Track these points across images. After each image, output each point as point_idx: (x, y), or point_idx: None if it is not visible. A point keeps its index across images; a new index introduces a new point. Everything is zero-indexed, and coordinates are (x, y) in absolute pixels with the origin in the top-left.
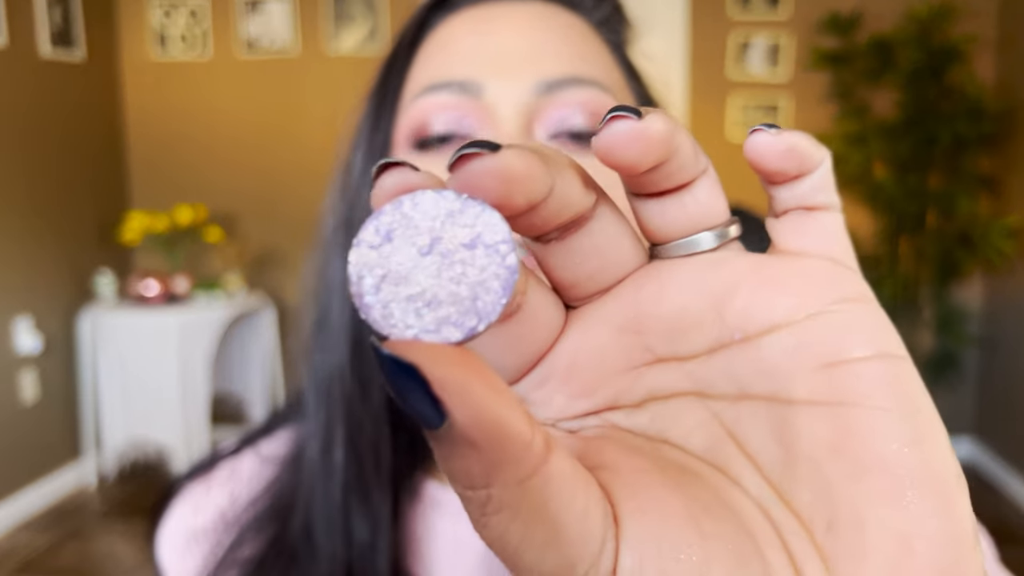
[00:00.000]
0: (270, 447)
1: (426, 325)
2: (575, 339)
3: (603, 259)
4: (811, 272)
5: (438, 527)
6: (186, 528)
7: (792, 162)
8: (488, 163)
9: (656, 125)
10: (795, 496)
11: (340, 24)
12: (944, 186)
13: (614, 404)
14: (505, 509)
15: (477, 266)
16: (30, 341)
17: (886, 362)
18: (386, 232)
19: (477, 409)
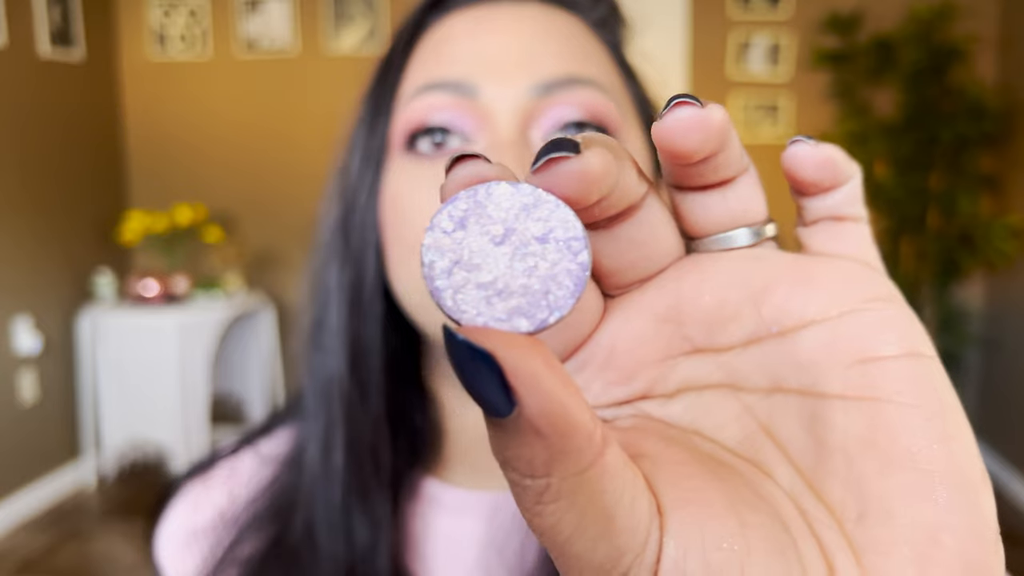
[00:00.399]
0: (269, 446)
1: (496, 314)
2: (615, 327)
3: (647, 249)
4: (845, 271)
5: (437, 525)
6: (185, 527)
7: (827, 173)
8: (572, 166)
9: (718, 114)
10: (826, 488)
11: (340, 24)
12: (945, 186)
13: (648, 393)
14: (563, 499)
15: (549, 260)
16: (29, 341)
17: (916, 360)
18: (460, 219)
19: (547, 399)
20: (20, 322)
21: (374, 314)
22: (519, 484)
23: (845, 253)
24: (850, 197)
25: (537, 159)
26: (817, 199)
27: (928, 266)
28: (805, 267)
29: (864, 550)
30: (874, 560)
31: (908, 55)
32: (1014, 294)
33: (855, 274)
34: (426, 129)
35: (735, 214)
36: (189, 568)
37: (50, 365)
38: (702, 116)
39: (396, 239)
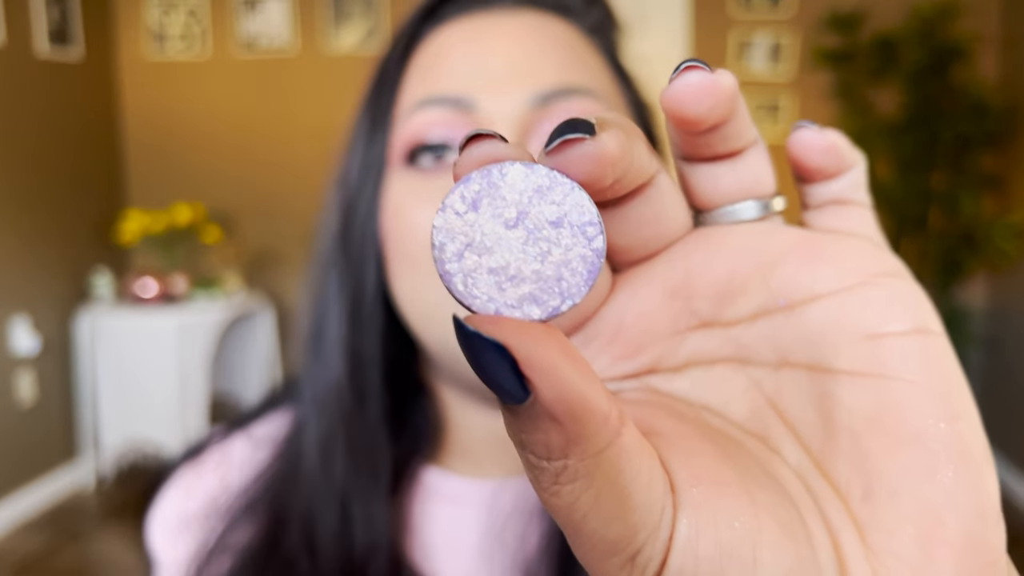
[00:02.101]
0: (263, 429)
1: (508, 300)
2: (623, 301)
3: (657, 226)
4: (854, 246)
5: (438, 513)
6: (178, 513)
7: (832, 159)
8: (588, 148)
9: (727, 80)
10: (832, 466)
11: (339, 23)
12: (947, 185)
13: (656, 367)
14: (580, 479)
15: (563, 245)
16: (27, 342)
17: (924, 337)
18: (472, 200)
19: (563, 387)
20: (18, 322)
21: (374, 325)
22: (536, 466)
23: (854, 231)
24: (854, 184)
25: (551, 140)
26: (821, 185)
27: (930, 266)
28: (814, 242)
29: (868, 528)
30: (878, 539)
31: (910, 54)
32: (1016, 294)
33: (863, 249)
34: (425, 146)
35: (744, 186)
36: (181, 554)
37: (48, 365)
38: (711, 81)
39: (398, 252)
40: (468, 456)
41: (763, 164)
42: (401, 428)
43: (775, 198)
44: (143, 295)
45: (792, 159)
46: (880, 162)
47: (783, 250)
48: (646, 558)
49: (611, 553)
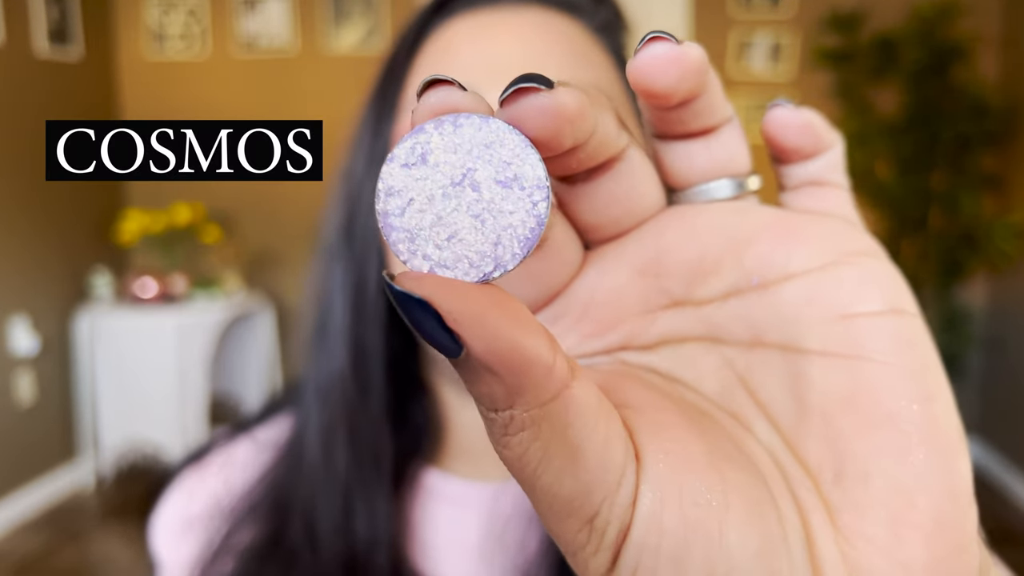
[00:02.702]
0: (266, 433)
1: (444, 259)
2: (593, 278)
3: (628, 203)
4: (828, 226)
5: (438, 515)
6: (181, 516)
7: (808, 138)
8: (543, 100)
9: (694, 51)
10: (804, 446)
11: (339, 23)
12: (947, 185)
13: (626, 346)
14: (527, 428)
15: (506, 208)
16: (27, 342)
17: (898, 318)
18: (422, 152)
19: (493, 339)
20: (17, 322)
21: (376, 316)
22: (486, 417)
23: (830, 211)
24: (831, 164)
25: (506, 89)
26: (798, 166)
27: (930, 266)
28: (788, 221)
29: (839, 510)
30: (849, 520)
31: (910, 54)
32: (1016, 294)
33: (838, 229)
34: None
35: (719, 164)
36: (184, 556)
37: (47, 366)
38: (678, 52)
39: None
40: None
41: (738, 142)
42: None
43: (750, 177)
44: (143, 295)
45: (768, 138)
46: (880, 162)
47: (757, 229)
48: (604, 522)
49: (567, 513)
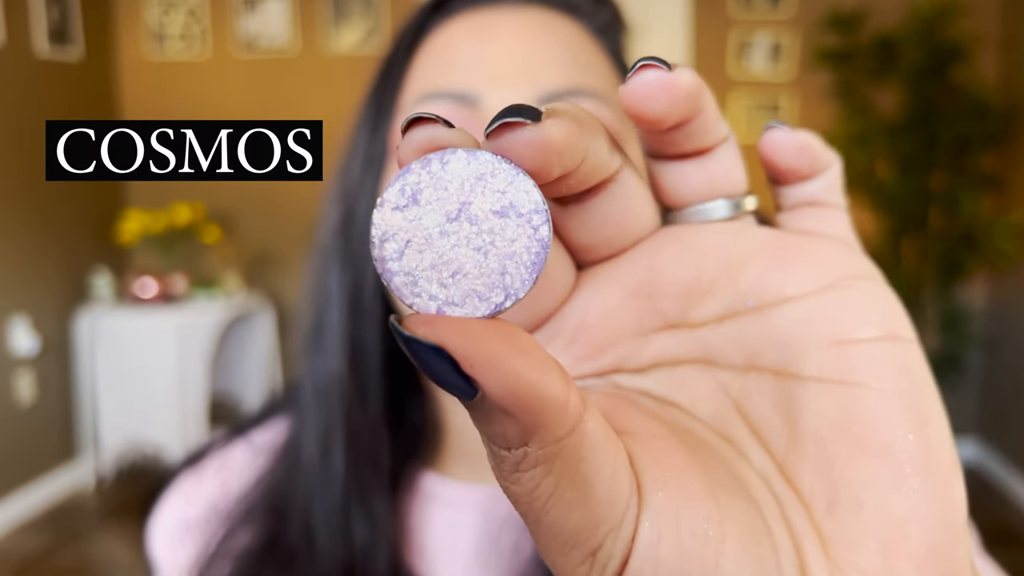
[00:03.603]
0: (263, 436)
1: (451, 297)
2: (585, 300)
3: (622, 224)
4: (825, 247)
5: (435, 518)
6: (178, 519)
7: (805, 160)
8: (529, 134)
9: (685, 78)
10: (797, 473)
11: (339, 23)
12: (947, 185)
13: (619, 368)
14: (540, 465)
15: (507, 237)
16: (27, 342)
17: (894, 344)
18: (412, 193)
19: (509, 381)
20: (18, 322)
21: (374, 316)
22: (497, 455)
23: (827, 232)
24: (829, 185)
25: (491, 123)
26: (795, 187)
27: (930, 266)
28: (784, 242)
29: (832, 540)
30: (842, 551)
31: (910, 54)
32: (1016, 294)
33: (835, 251)
34: None
35: (714, 184)
36: (182, 560)
37: (48, 366)
38: (668, 80)
39: None
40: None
41: (734, 162)
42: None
43: (746, 197)
44: (143, 295)
45: (764, 160)
46: (880, 162)
47: (752, 250)
48: (607, 554)
49: (572, 545)
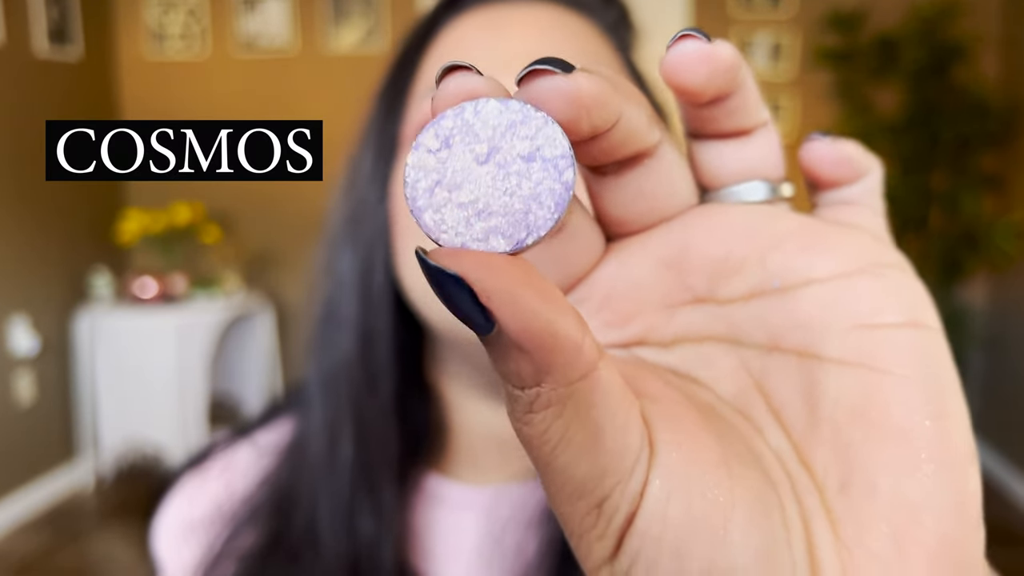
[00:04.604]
0: (267, 437)
1: (475, 234)
2: (614, 268)
3: (657, 200)
4: (856, 236)
5: (439, 520)
6: (182, 520)
7: (845, 171)
8: (558, 83)
9: (724, 50)
10: (812, 454)
11: (338, 22)
12: (948, 185)
13: (644, 339)
14: (552, 406)
15: (533, 179)
16: (27, 342)
17: (918, 331)
18: (445, 138)
19: (525, 317)
20: (17, 322)
21: (384, 305)
22: (511, 395)
23: (860, 224)
24: (869, 189)
25: (523, 70)
26: (833, 192)
27: (931, 266)
28: (816, 228)
29: (842, 521)
30: (851, 532)
31: (910, 53)
32: (1017, 294)
33: (865, 240)
34: None
35: (751, 166)
36: (186, 560)
37: (47, 366)
38: (707, 50)
39: (405, 232)
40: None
41: (772, 147)
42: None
43: (783, 184)
44: (142, 295)
45: (804, 170)
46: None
47: (783, 233)
48: (613, 506)
49: (579, 495)
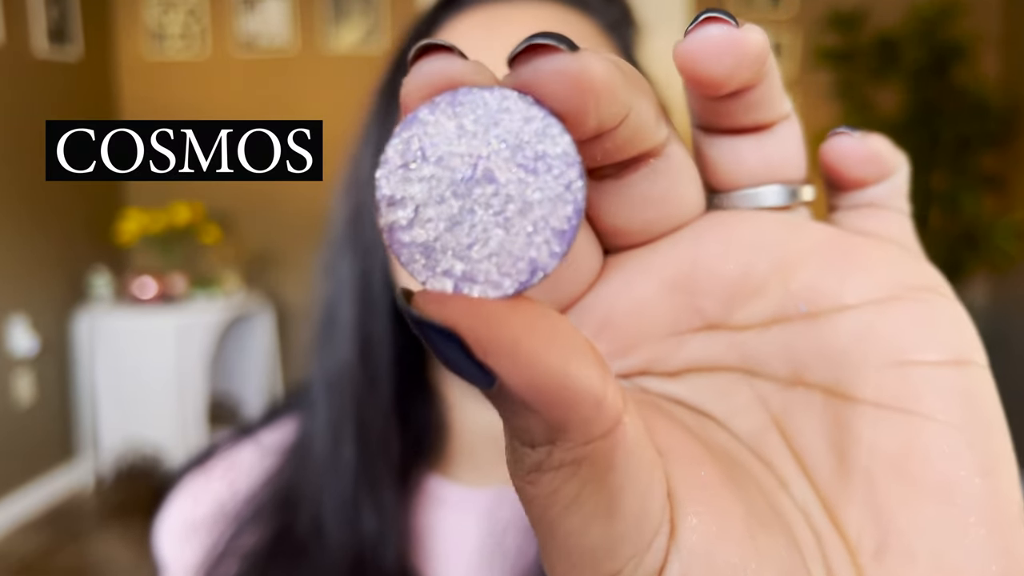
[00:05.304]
0: (271, 437)
1: (468, 272)
2: (614, 289)
3: (663, 207)
4: (890, 252)
5: (440, 521)
6: (185, 519)
7: (873, 169)
8: (564, 62)
9: (755, 37)
10: (843, 510)
11: (338, 22)
12: (948, 185)
13: (647, 370)
14: (564, 467)
15: (533, 198)
16: (26, 342)
17: (964, 370)
18: (420, 147)
19: (531, 372)
20: (16, 323)
21: (384, 307)
22: (517, 451)
23: (891, 236)
24: (895, 189)
25: (518, 45)
26: (857, 193)
27: None
28: (845, 242)
29: None
30: None
31: (911, 53)
32: (1018, 294)
33: (900, 257)
34: None
35: (770, 166)
36: (189, 559)
37: (47, 366)
38: (735, 37)
39: None
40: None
41: (795, 144)
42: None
43: (804, 186)
44: (142, 295)
45: (827, 168)
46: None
47: (809, 247)
48: None
49: (585, 565)
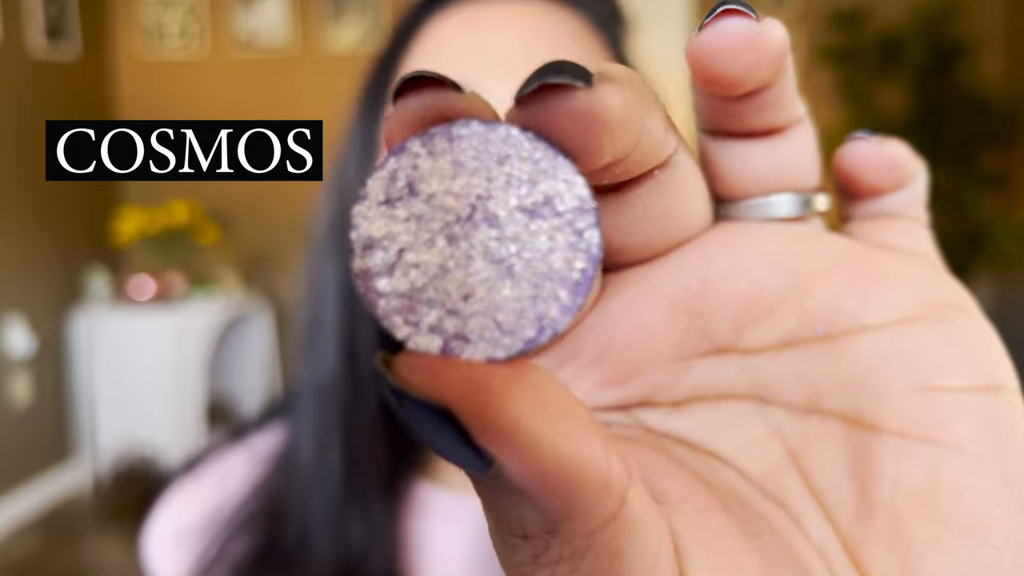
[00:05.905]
0: (262, 443)
1: (461, 330)
2: (615, 312)
3: (668, 222)
4: (913, 267)
5: (429, 529)
6: (174, 526)
7: (891, 176)
8: (579, 103)
9: (776, 34)
10: (866, 552)
11: (337, 21)
12: (951, 185)
13: (649, 400)
14: (563, 562)
15: (541, 246)
16: (23, 342)
17: (995, 397)
18: (408, 182)
19: (536, 457)
20: (13, 323)
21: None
22: (508, 544)
23: (912, 249)
24: (913, 197)
25: (526, 84)
26: (873, 202)
27: None
28: (864, 257)
29: None
30: None
31: (913, 52)
32: (1022, 293)
33: (924, 273)
34: None
35: (783, 173)
36: (178, 567)
37: (44, 366)
38: (756, 33)
39: None
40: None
41: (808, 149)
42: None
43: (818, 195)
44: (140, 295)
45: (843, 175)
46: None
47: (826, 263)
48: None
49: None
